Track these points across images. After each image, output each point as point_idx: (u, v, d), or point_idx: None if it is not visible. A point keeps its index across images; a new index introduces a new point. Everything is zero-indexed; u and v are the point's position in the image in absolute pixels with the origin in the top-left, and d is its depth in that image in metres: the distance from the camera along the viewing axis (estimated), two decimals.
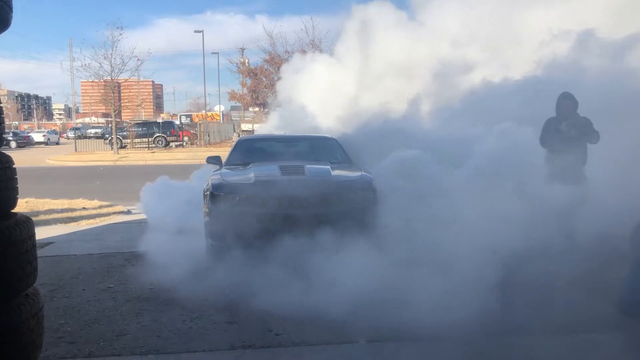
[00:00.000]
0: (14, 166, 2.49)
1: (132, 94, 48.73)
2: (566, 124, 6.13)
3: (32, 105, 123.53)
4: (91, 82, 36.95)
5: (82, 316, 4.68)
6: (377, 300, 4.54)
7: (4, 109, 2.56)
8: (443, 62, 11.01)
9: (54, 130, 61.89)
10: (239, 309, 4.52)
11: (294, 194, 5.60)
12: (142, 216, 8.87)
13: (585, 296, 4.73)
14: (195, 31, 43.86)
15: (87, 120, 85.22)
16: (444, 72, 10.80)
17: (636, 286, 4.28)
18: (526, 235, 5.37)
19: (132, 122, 42.65)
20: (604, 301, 4.61)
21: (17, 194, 2.50)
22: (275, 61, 33.92)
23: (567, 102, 6.23)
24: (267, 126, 14.08)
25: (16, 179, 2.49)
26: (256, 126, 32.90)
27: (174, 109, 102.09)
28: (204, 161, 8.00)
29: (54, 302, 4.98)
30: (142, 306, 4.86)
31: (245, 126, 40.24)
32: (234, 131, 41.16)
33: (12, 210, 2.49)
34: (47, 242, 7.48)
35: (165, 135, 36.82)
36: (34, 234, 2.46)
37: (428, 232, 5.25)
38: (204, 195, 6.11)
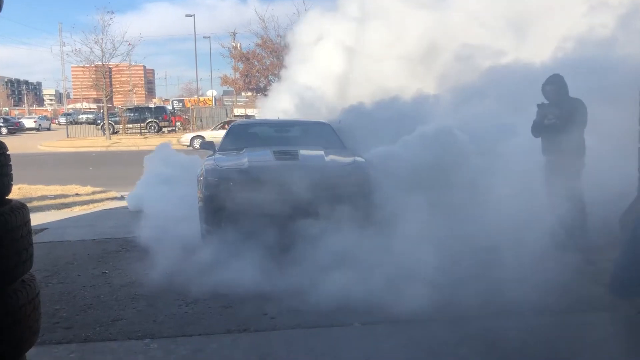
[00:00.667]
0: (7, 152, 2.48)
1: (123, 79, 48.43)
2: (538, 112, 5.69)
3: (22, 90, 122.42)
4: (82, 67, 36.59)
5: (77, 301, 4.70)
6: (371, 283, 4.58)
7: None
8: (467, 42, 10.00)
9: (45, 116, 61.55)
10: (234, 293, 4.55)
11: (287, 179, 5.61)
12: None
13: (576, 277, 4.77)
14: (187, 15, 43.54)
15: (78, 105, 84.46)
16: (468, 53, 9.73)
17: (625, 267, 4.34)
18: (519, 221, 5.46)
19: (124, 107, 42.47)
20: (595, 282, 4.67)
21: (11, 180, 2.49)
22: (268, 45, 33.69)
23: (547, 87, 5.73)
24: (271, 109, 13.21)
25: (10, 165, 2.48)
26: (252, 111, 32.59)
27: (166, 94, 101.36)
28: (197, 146, 7.99)
29: (49, 288, 5.00)
30: (137, 291, 4.88)
31: (237, 111, 40.04)
32: (227, 116, 40.97)
33: (6, 197, 2.49)
34: (41, 229, 7.47)
35: (157, 121, 36.65)
36: (29, 220, 2.46)
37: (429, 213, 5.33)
38: (198, 181, 6.11)
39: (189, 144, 24.70)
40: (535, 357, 3.47)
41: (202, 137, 24.46)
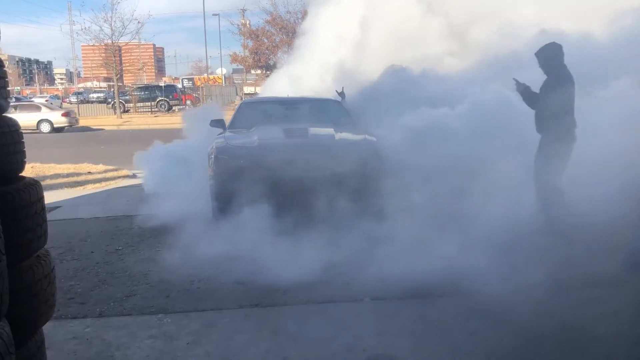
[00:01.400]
0: (20, 130, 2.50)
1: (133, 57, 48.28)
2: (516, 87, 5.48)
3: (33, 70, 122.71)
4: (92, 45, 36.61)
5: (91, 278, 4.77)
6: (380, 260, 4.62)
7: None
8: (512, 17, 9.37)
9: (56, 95, 61.70)
10: (246, 269, 4.60)
11: (297, 157, 5.62)
12: None
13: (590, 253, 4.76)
14: None
15: (88, 84, 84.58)
16: (511, 29, 9.02)
17: None
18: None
19: (134, 86, 42.47)
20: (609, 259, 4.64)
21: (24, 157, 2.52)
22: (277, 22, 33.46)
23: (537, 59, 5.47)
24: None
25: (23, 142, 2.51)
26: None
27: (176, 73, 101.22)
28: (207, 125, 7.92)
29: (63, 265, 5.08)
30: (150, 268, 4.94)
31: (247, 89, 39.93)
32: (237, 94, 40.88)
33: (20, 174, 2.52)
34: (54, 207, 7.56)
35: (167, 99, 36.65)
36: (42, 197, 2.48)
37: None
38: (209, 159, 6.14)
39: None
40: (546, 331, 3.49)
41: None
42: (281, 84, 12.51)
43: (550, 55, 5.38)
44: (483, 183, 5.52)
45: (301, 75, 12.42)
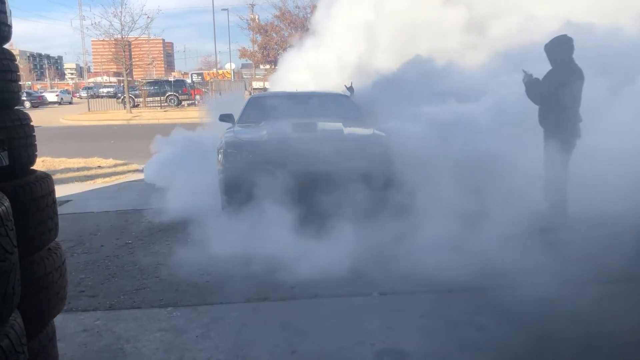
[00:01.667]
0: (31, 123, 2.53)
1: (142, 52, 48.65)
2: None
3: (44, 65, 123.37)
4: (102, 40, 36.81)
5: (101, 271, 4.81)
6: (388, 254, 4.61)
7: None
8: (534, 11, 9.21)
9: (66, 89, 62.12)
10: (254, 263, 4.61)
11: (306, 151, 5.62)
12: None
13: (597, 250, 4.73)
14: None
15: (98, 79, 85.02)
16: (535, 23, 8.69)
17: None
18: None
19: (143, 81, 42.60)
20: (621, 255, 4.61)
21: (35, 151, 2.55)
22: (286, 17, 33.41)
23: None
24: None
25: (34, 135, 2.54)
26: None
27: (185, 68, 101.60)
28: (216, 120, 7.92)
29: (73, 258, 5.12)
30: (159, 261, 4.97)
31: (256, 84, 39.90)
32: (245, 89, 40.87)
33: (31, 167, 2.55)
34: (65, 200, 7.61)
35: (177, 94, 36.72)
36: (53, 190, 2.51)
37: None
38: (218, 153, 6.15)
39: None
40: (555, 326, 3.47)
41: None
42: (290, 77, 12.41)
43: (560, 50, 5.30)
44: (490, 179, 5.49)
45: (311, 68, 12.32)
